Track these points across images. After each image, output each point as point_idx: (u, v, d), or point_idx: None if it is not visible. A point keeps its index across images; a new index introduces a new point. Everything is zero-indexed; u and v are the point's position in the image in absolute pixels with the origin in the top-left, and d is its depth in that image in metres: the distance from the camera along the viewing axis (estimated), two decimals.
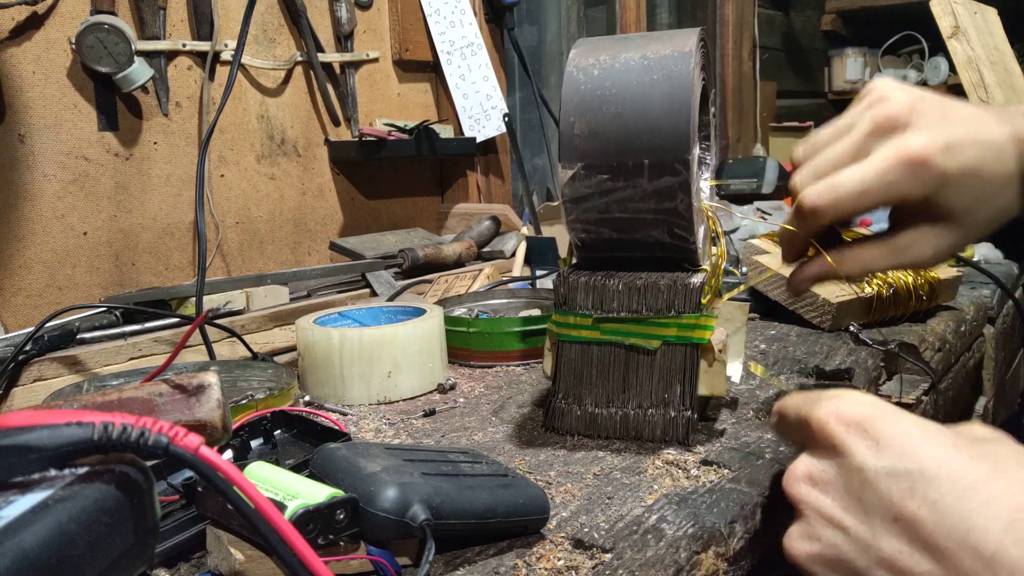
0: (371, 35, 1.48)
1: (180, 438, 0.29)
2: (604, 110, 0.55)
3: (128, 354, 0.84)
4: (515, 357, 0.82)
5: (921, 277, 0.90)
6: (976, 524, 0.36)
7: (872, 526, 0.39)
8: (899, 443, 0.40)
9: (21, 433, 0.28)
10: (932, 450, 0.39)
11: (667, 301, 0.57)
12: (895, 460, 0.39)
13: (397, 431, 0.64)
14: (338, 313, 0.82)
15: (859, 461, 0.40)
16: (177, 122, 1.22)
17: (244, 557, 0.38)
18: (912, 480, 0.38)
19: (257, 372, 0.72)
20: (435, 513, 0.40)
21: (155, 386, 0.43)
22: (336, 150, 1.43)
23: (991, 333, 1.10)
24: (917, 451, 0.39)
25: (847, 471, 0.41)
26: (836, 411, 0.42)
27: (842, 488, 0.41)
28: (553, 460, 0.56)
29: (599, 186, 0.56)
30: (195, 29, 1.22)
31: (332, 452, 0.46)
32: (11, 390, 0.77)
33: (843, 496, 0.41)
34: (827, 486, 0.42)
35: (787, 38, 2.92)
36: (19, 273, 1.07)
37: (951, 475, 0.38)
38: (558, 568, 0.42)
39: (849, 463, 0.41)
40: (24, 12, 1.04)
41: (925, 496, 0.38)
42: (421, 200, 1.61)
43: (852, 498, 0.40)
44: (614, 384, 0.59)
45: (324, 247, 1.42)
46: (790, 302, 0.90)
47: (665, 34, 0.57)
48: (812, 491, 0.42)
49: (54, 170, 1.09)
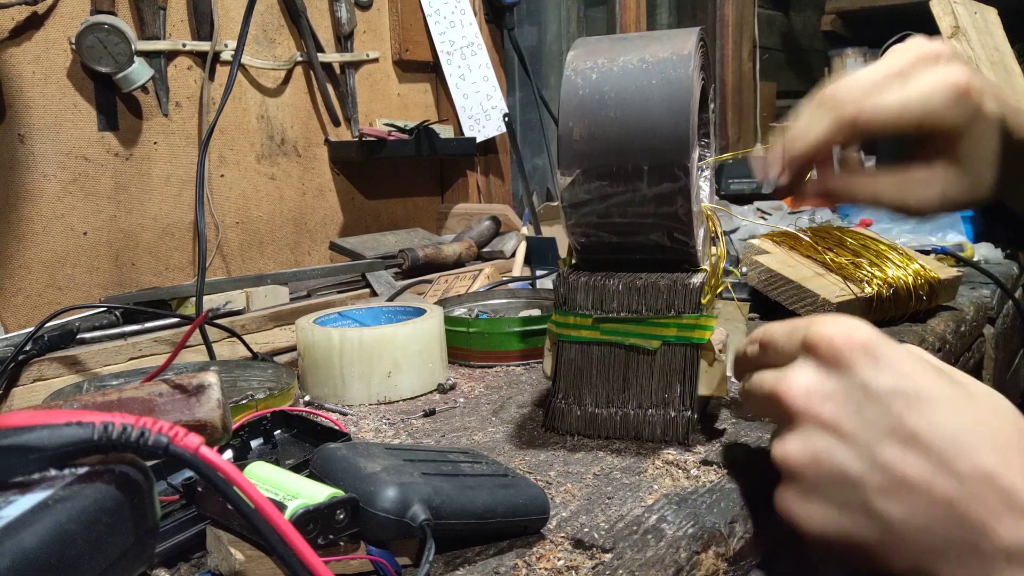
0: (371, 35, 1.48)
1: (180, 438, 0.29)
2: (603, 115, 0.55)
3: (128, 354, 0.84)
4: (515, 357, 0.82)
5: (921, 277, 0.90)
6: (967, 440, 0.39)
7: (871, 435, 0.41)
8: (898, 366, 0.42)
9: (21, 433, 0.28)
10: (924, 376, 0.42)
11: (667, 301, 0.57)
12: (894, 380, 0.41)
13: (397, 431, 0.64)
14: (338, 313, 0.82)
15: (863, 377, 0.42)
16: (177, 122, 1.22)
17: (244, 557, 0.38)
18: (909, 399, 0.41)
19: (257, 372, 0.72)
20: (435, 513, 0.41)
21: (155, 386, 0.43)
22: (336, 150, 1.43)
23: (991, 333, 1.10)
24: (913, 375, 0.42)
25: (850, 385, 0.42)
26: (843, 330, 0.44)
27: (843, 400, 0.42)
28: (553, 460, 0.56)
29: (598, 191, 0.56)
30: (195, 29, 1.22)
31: (332, 452, 0.46)
32: (11, 390, 0.77)
33: (844, 407, 0.42)
34: (826, 397, 0.43)
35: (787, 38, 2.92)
36: (19, 273, 1.07)
37: (942, 398, 0.41)
38: (558, 568, 0.42)
39: (853, 378, 0.42)
40: (24, 12, 1.04)
41: (922, 413, 0.40)
42: (421, 200, 1.61)
43: (853, 410, 0.42)
44: (614, 384, 0.59)
45: (324, 247, 1.42)
46: (790, 302, 0.90)
47: (664, 34, 0.57)
48: (813, 400, 0.43)
49: (54, 170, 1.09)
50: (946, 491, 0.39)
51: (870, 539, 0.41)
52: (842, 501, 0.42)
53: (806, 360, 0.45)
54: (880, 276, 0.88)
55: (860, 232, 0.98)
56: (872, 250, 0.93)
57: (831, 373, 0.43)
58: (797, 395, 0.44)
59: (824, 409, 0.43)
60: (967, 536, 0.38)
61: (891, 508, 0.40)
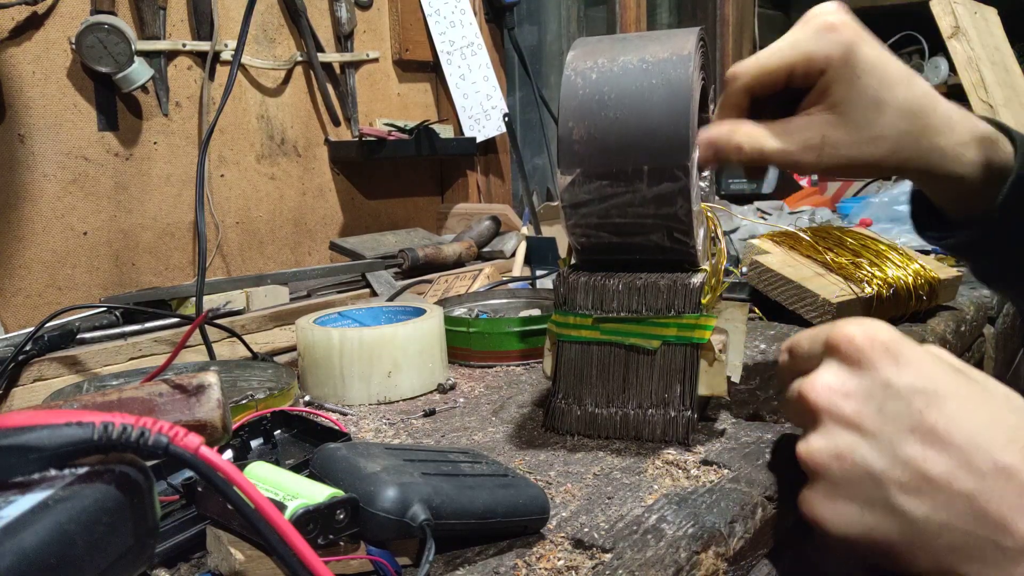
0: (371, 35, 1.48)
1: (180, 438, 0.29)
2: (603, 115, 0.55)
3: (128, 354, 0.84)
4: (515, 357, 0.82)
5: (921, 277, 0.90)
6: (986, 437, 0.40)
7: (892, 433, 0.42)
8: (917, 365, 0.43)
9: (21, 433, 0.28)
10: (943, 375, 0.43)
11: (667, 301, 0.57)
12: (915, 379, 0.42)
13: (397, 431, 0.64)
14: (338, 313, 0.82)
15: (884, 376, 0.43)
16: (177, 122, 1.22)
17: (244, 557, 0.38)
18: (928, 398, 0.41)
19: (257, 372, 0.72)
20: (435, 513, 0.41)
21: (155, 386, 0.43)
22: (336, 150, 1.43)
23: (991, 333, 1.10)
24: (933, 374, 0.43)
25: (871, 384, 0.43)
26: (864, 330, 0.44)
27: (864, 398, 0.43)
28: (553, 460, 0.56)
29: (598, 191, 0.56)
30: (195, 29, 1.22)
31: (332, 452, 0.46)
32: (11, 390, 0.77)
33: (866, 405, 0.43)
34: (849, 395, 0.44)
35: None
36: (19, 273, 1.07)
37: (961, 396, 0.42)
38: (558, 568, 0.42)
39: (874, 377, 0.43)
40: (24, 12, 1.04)
41: (941, 411, 0.41)
42: (421, 200, 1.61)
43: (874, 407, 0.43)
44: (614, 384, 0.59)
45: (324, 247, 1.42)
46: (790, 302, 0.90)
47: (664, 34, 0.57)
48: (834, 398, 0.44)
49: (54, 170, 1.09)
50: (966, 487, 0.39)
51: (893, 538, 0.41)
52: (865, 499, 0.42)
53: (829, 361, 0.46)
54: (880, 276, 0.88)
55: (860, 232, 0.98)
56: (872, 250, 0.93)
57: (853, 372, 0.44)
58: (820, 394, 0.44)
59: (846, 407, 0.43)
60: (987, 532, 0.38)
61: (913, 505, 0.40)
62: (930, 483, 0.40)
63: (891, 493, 0.41)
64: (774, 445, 0.57)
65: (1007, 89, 1.62)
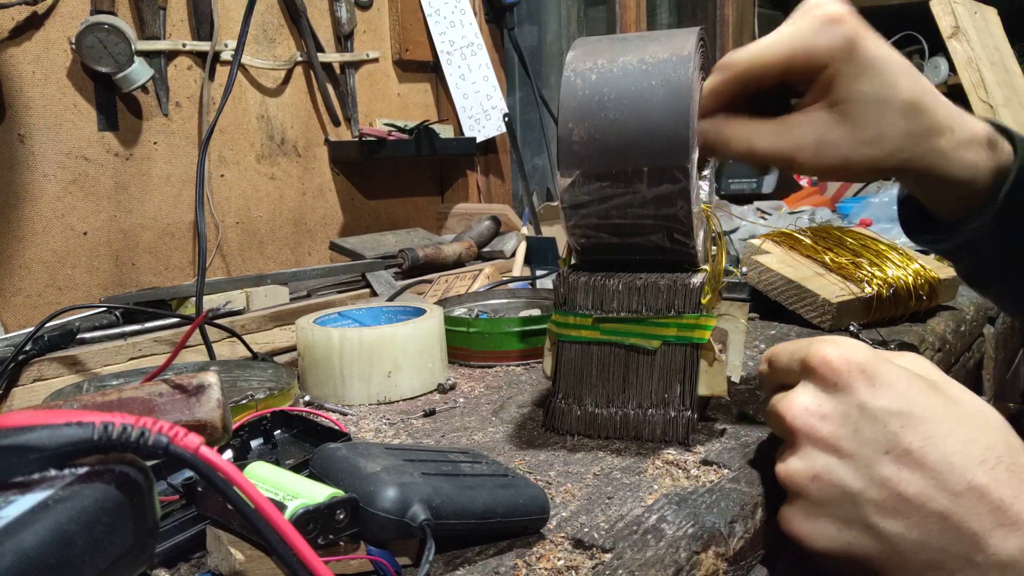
0: (371, 35, 1.48)
1: (180, 438, 0.29)
2: (602, 116, 0.55)
3: (128, 354, 0.84)
4: (515, 357, 0.82)
5: (921, 277, 0.90)
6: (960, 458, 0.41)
7: (869, 454, 0.42)
8: (894, 387, 0.43)
9: (21, 433, 0.28)
10: (919, 396, 0.43)
11: (667, 301, 0.57)
12: (890, 401, 0.43)
13: (397, 431, 0.64)
14: (338, 313, 0.82)
15: (860, 399, 0.43)
16: (177, 122, 1.22)
17: (244, 557, 0.38)
18: (904, 419, 0.42)
19: (257, 372, 0.72)
20: (435, 513, 0.41)
21: (155, 386, 0.43)
22: (336, 150, 1.43)
23: (991, 333, 1.10)
24: (909, 395, 0.43)
25: (847, 406, 0.44)
26: (840, 352, 0.45)
27: (840, 420, 0.44)
28: (553, 460, 0.56)
29: (598, 192, 0.56)
30: (195, 29, 1.22)
31: (332, 452, 0.46)
32: (11, 390, 0.77)
33: (842, 427, 0.44)
34: (826, 417, 0.44)
35: None
36: (19, 273, 1.07)
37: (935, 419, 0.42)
38: (558, 568, 0.42)
39: (850, 399, 0.44)
40: (24, 12, 1.04)
41: (916, 432, 0.42)
42: (421, 200, 1.61)
43: (850, 429, 0.43)
44: (614, 384, 0.59)
45: (324, 247, 1.42)
46: (790, 302, 0.90)
47: (664, 34, 0.57)
48: (811, 420, 0.45)
49: (54, 170, 1.09)
50: (940, 507, 0.40)
51: (872, 554, 0.42)
52: (843, 517, 0.43)
53: (806, 382, 0.46)
54: (880, 276, 0.88)
55: (860, 232, 0.98)
56: (872, 250, 0.93)
57: (829, 394, 0.45)
58: (797, 415, 0.45)
59: (823, 429, 0.44)
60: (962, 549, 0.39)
61: (889, 524, 0.41)
62: (906, 503, 0.41)
63: (868, 512, 0.42)
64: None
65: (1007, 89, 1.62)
